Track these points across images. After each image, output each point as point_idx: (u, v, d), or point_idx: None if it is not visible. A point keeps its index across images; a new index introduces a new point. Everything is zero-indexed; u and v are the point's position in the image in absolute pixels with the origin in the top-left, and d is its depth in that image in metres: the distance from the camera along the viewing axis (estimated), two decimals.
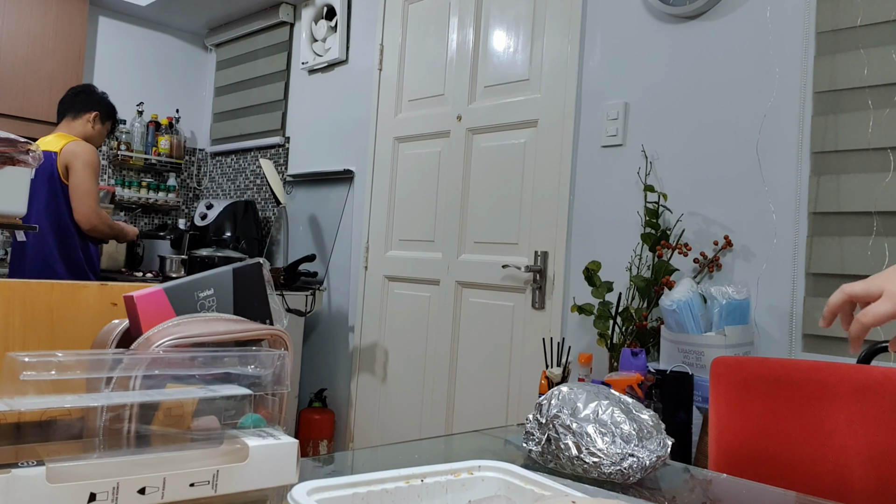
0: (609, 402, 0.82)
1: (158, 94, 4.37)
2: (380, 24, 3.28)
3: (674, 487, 0.85)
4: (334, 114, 3.55)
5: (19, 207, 2.00)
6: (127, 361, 0.64)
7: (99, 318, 1.05)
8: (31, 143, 1.87)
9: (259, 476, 0.62)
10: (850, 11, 1.83)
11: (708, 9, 2.12)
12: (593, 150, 2.40)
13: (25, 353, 0.58)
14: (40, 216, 2.86)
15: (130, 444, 0.62)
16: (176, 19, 4.31)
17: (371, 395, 3.17)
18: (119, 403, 0.62)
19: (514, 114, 2.66)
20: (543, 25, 2.59)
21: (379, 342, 3.16)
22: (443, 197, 2.92)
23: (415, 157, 3.08)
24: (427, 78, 3.04)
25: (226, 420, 0.67)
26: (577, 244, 2.42)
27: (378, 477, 0.58)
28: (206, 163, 4.57)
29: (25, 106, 3.67)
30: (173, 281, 0.81)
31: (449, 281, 2.86)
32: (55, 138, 3.00)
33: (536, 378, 2.45)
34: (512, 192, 2.64)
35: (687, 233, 2.11)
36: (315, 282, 3.43)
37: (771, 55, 1.98)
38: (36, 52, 3.72)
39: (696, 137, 2.14)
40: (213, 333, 0.74)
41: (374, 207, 3.25)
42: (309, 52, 3.68)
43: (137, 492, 0.56)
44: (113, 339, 0.78)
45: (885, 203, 1.75)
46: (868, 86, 1.78)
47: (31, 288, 1.03)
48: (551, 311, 2.47)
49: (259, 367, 0.68)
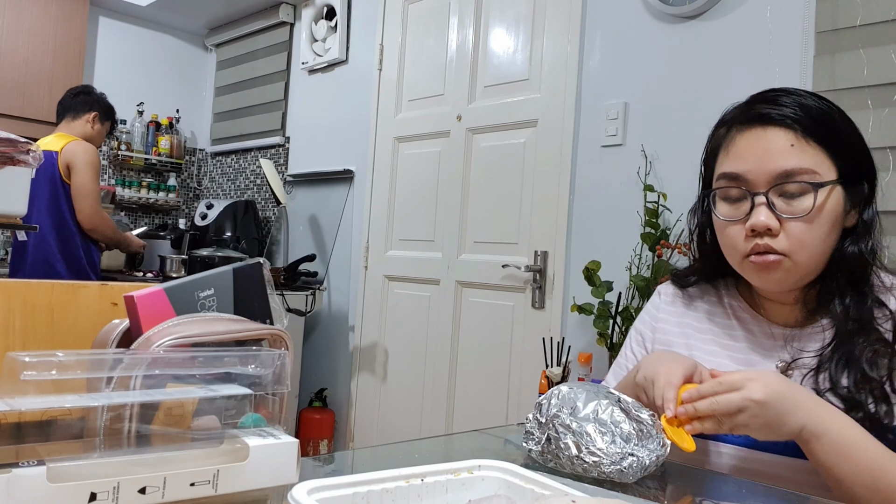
0: (609, 401, 0.82)
1: (158, 94, 4.37)
2: (380, 24, 3.28)
3: (674, 487, 0.85)
4: (334, 114, 3.55)
5: (20, 207, 2.00)
6: (127, 361, 0.64)
7: (99, 318, 1.05)
8: (32, 143, 1.87)
9: (259, 476, 0.62)
10: (849, 11, 1.82)
11: (708, 9, 2.12)
12: (593, 150, 2.40)
13: (25, 353, 0.58)
14: (41, 216, 2.86)
15: (131, 443, 0.62)
16: (176, 19, 4.31)
17: (371, 395, 3.18)
18: (119, 403, 0.62)
19: (513, 114, 2.66)
20: (543, 25, 2.59)
21: (379, 342, 3.16)
22: (443, 197, 2.92)
23: (415, 157, 3.08)
24: (427, 78, 3.04)
25: (226, 420, 0.67)
26: (577, 244, 2.42)
27: (378, 476, 0.58)
28: (206, 163, 4.57)
29: (25, 106, 3.67)
30: (173, 281, 0.81)
31: (449, 281, 2.86)
32: (55, 138, 3.00)
33: (536, 378, 2.44)
34: (512, 192, 2.64)
35: (687, 232, 2.11)
36: (315, 282, 3.43)
37: (771, 55, 1.98)
38: (36, 52, 3.72)
39: (696, 137, 2.13)
40: (214, 333, 0.74)
41: (374, 207, 3.25)
42: (309, 52, 3.68)
43: (138, 491, 0.56)
44: (113, 339, 0.78)
45: (885, 203, 1.75)
46: (868, 85, 1.78)
47: (31, 288, 1.03)
48: (551, 310, 2.47)
49: (259, 367, 0.68)
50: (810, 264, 0.92)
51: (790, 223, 0.90)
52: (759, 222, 0.91)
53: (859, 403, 0.88)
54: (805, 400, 0.83)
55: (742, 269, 0.97)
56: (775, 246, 0.91)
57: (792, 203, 0.91)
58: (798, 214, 0.90)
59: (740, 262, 0.96)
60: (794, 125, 0.91)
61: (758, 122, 0.94)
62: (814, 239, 0.91)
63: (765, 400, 0.81)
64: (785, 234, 0.91)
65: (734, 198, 0.95)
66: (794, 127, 0.91)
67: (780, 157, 0.91)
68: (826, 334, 0.94)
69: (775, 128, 0.92)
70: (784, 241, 0.91)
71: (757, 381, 0.82)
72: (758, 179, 0.92)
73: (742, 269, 0.97)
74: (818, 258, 0.93)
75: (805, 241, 0.91)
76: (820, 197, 0.90)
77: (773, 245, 0.91)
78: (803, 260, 0.91)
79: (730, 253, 0.98)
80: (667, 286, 1.17)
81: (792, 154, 0.91)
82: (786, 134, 0.92)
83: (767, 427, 0.82)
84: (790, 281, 0.94)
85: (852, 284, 0.93)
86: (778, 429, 0.82)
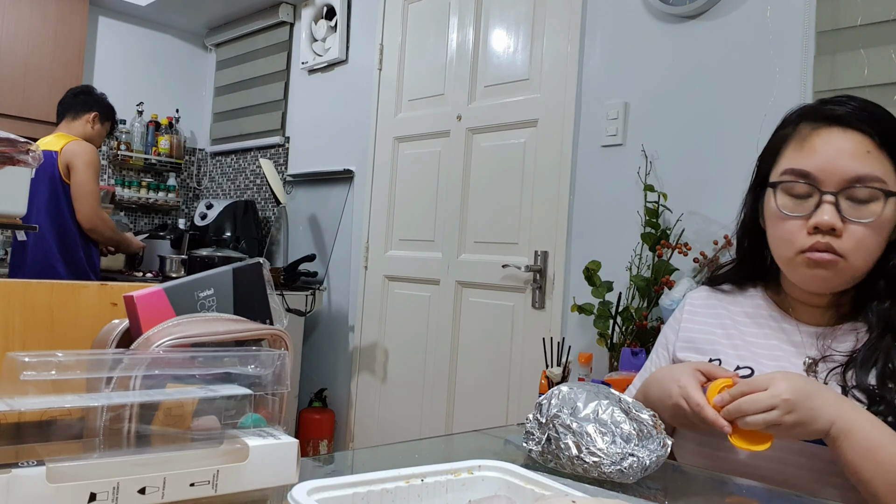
0: (609, 401, 0.82)
1: (158, 94, 4.37)
2: (380, 23, 3.28)
3: (674, 487, 0.85)
4: (334, 114, 3.55)
5: (19, 207, 2.00)
6: (127, 361, 0.64)
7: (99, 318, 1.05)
8: (31, 143, 1.87)
9: (259, 476, 0.62)
10: (850, 11, 1.82)
11: (708, 9, 2.12)
12: (593, 150, 2.39)
13: (25, 353, 0.58)
14: (41, 216, 2.86)
15: (130, 444, 0.62)
16: (176, 19, 4.30)
17: (371, 395, 3.17)
18: (119, 403, 0.62)
19: (513, 113, 2.66)
20: (543, 25, 2.59)
21: (379, 342, 3.16)
22: (443, 197, 2.92)
23: (415, 157, 3.08)
24: (427, 78, 3.04)
25: (226, 420, 0.67)
26: (577, 244, 2.42)
27: (378, 477, 0.58)
28: (206, 163, 4.57)
29: (25, 106, 3.67)
30: (173, 281, 0.81)
31: (449, 281, 2.86)
32: (55, 138, 3.00)
33: (536, 378, 2.44)
34: (512, 192, 2.64)
35: (687, 232, 2.11)
36: (315, 282, 3.43)
37: (771, 55, 1.98)
38: (36, 52, 3.72)
39: (696, 137, 2.14)
40: (213, 333, 0.74)
41: (374, 207, 3.25)
42: (309, 51, 3.68)
43: (138, 492, 0.56)
44: (113, 339, 0.78)
45: None
46: (868, 85, 1.78)
47: (31, 288, 1.03)
48: (551, 310, 2.47)
49: (259, 367, 0.68)
50: (862, 269, 0.94)
51: (853, 226, 0.91)
52: (824, 221, 0.91)
53: (883, 398, 0.88)
54: (831, 398, 0.85)
55: (792, 263, 0.96)
56: (836, 246, 0.91)
57: (859, 208, 0.91)
58: (864, 219, 0.91)
59: (793, 257, 0.95)
60: (872, 133, 0.92)
61: (836, 123, 0.94)
62: (872, 245, 0.92)
63: (792, 398, 0.82)
64: (847, 236, 0.92)
65: (800, 194, 0.95)
66: (872, 134, 0.92)
67: (856, 161, 0.92)
68: (859, 335, 0.95)
69: (854, 132, 0.93)
70: (846, 242, 0.91)
71: (782, 381, 0.84)
72: (829, 179, 0.92)
73: (792, 263, 0.96)
74: (870, 265, 0.94)
75: (864, 246, 0.92)
76: (889, 206, 0.91)
77: (835, 245, 0.91)
78: (858, 264, 0.93)
79: (783, 246, 0.97)
80: (698, 290, 1.17)
81: (867, 160, 0.92)
82: (863, 140, 0.92)
83: (799, 425, 0.83)
84: (837, 282, 0.95)
85: (891, 292, 0.94)
86: (809, 425, 0.83)
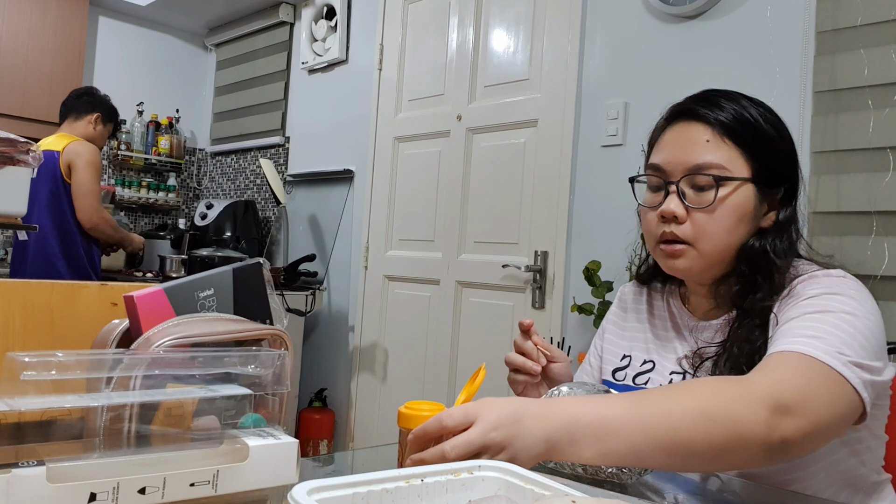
0: None
1: (158, 94, 4.37)
2: (380, 23, 3.28)
3: (674, 487, 0.85)
4: (334, 114, 3.55)
5: (20, 207, 2.00)
6: (127, 361, 0.64)
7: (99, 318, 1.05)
8: (32, 143, 1.87)
9: (259, 476, 0.62)
10: (849, 11, 1.82)
11: (708, 9, 2.12)
12: (593, 150, 2.39)
13: (25, 353, 0.58)
14: (42, 215, 2.86)
15: (130, 444, 0.62)
16: (176, 19, 4.31)
17: (371, 395, 3.17)
18: (119, 403, 0.62)
19: (513, 113, 2.66)
20: (543, 25, 2.59)
21: (379, 342, 3.16)
22: (443, 197, 2.92)
23: (415, 157, 3.08)
24: (427, 78, 3.04)
25: (226, 420, 0.67)
26: (577, 244, 2.42)
27: (378, 477, 0.58)
28: (206, 163, 4.57)
29: (25, 106, 3.67)
30: (173, 281, 0.81)
31: (449, 281, 2.86)
32: (57, 138, 3.01)
33: None
34: (512, 192, 2.64)
35: None
36: (315, 282, 3.43)
37: (771, 55, 1.98)
38: (36, 52, 3.72)
39: None
40: (213, 333, 0.74)
41: (374, 207, 3.25)
42: (309, 51, 3.68)
43: (138, 492, 0.56)
44: (113, 339, 0.78)
45: (884, 203, 1.75)
46: (868, 85, 1.78)
47: (31, 288, 1.03)
48: (551, 310, 2.47)
49: (259, 367, 0.68)
50: (714, 254, 0.96)
51: (695, 213, 0.95)
52: (666, 209, 0.96)
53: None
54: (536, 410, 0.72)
55: (656, 254, 1.02)
56: (679, 233, 0.96)
57: (699, 195, 0.95)
58: (702, 205, 0.95)
59: (654, 249, 1.01)
60: (714, 123, 0.96)
61: (683, 118, 1.00)
62: (716, 230, 0.95)
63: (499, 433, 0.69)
64: (690, 223, 0.96)
65: (654, 186, 1.01)
66: (713, 124, 0.96)
67: (695, 150, 0.96)
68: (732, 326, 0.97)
69: (697, 123, 0.98)
70: (688, 229, 0.96)
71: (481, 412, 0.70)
72: (674, 170, 0.97)
73: (656, 254, 1.02)
74: (722, 249, 0.96)
75: (707, 231, 0.95)
76: (723, 191, 0.94)
77: (677, 232, 0.96)
78: (707, 249, 0.96)
79: (647, 239, 1.03)
80: (628, 284, 1.22)
81: (706, 149, 0.95)
82: (704, 129, 0.97)
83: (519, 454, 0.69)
84: (696, 269, 0.98)
85: (764, 279, 0.94)
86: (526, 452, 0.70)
